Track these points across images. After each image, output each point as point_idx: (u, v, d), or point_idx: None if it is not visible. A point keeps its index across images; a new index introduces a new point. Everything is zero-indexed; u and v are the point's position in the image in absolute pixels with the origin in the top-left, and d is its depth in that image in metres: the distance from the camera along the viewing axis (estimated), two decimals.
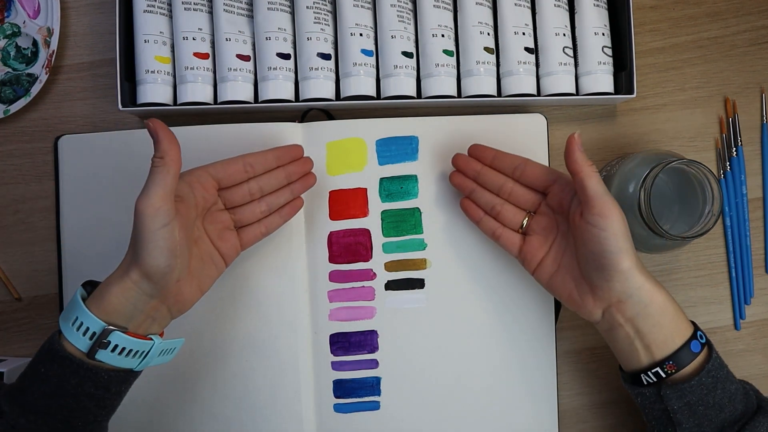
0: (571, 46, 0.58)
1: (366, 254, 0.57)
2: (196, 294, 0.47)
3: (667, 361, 0.46)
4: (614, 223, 0.44)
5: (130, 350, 0.44)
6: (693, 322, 0.48)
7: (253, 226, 0.51)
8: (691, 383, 0.45)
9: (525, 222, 0.51)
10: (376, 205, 0.58)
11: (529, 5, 0.58)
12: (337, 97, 0.57)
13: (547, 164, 0.58)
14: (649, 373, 0.46)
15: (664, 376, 0.46)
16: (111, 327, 0.43)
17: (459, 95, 0.58)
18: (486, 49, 0.57)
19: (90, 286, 0.46)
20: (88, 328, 0.42)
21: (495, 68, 0.57)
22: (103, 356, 0.43)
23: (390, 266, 0.58)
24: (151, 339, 0.45)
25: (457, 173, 0.54)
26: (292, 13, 0.56)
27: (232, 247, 0.50)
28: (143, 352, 0.44)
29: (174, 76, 0.56)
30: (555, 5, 0.57)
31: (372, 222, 0.58)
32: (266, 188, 0.51)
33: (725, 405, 0.46)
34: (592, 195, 0.45)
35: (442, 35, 0.56)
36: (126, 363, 0.44)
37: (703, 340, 0.47)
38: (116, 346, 0.43)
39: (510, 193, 0.51)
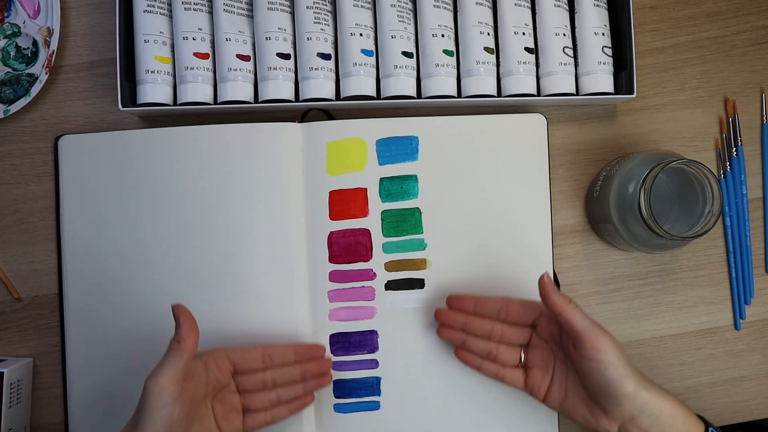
0: (571, 46, 0.58)
1: (366, 254, 0.57)
2: None
3: None
4: (609, 352, 0.45)
5: None
6: (701, 417, 0.49)
7: (260, 412, 0.52)
8: None
9: (522, 357, 0.52)
10: (376, 205, 0.58)
11: (529, 5, 0.58)
12: (337, 97, 0.57)
13: (546, 165, 0.58)
14: None
15: None
16: None
17: (459, 95, 0.58)
18: (486, 49, 0.57)
19: None
20: None
21: (495, 68, 0.57)
22: None
23: (390, 266, 0.58)
24: None
25: (443, 328, 0.54)
26: (292, 13, 0.56)
27: (234, 430, 0.50)
28: None
29: (174, 76, 0.56)
30: (555, 5, 0.57)
31: (372, 222, 0.58)
32: (280, 381, 0.52)
33: None
34: (580, 332, 0.46)
35: (442, 35, 0.56)
36: None
37: None
38: None
39: (501, 336, 0.52)
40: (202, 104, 0.56)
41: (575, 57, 0.58)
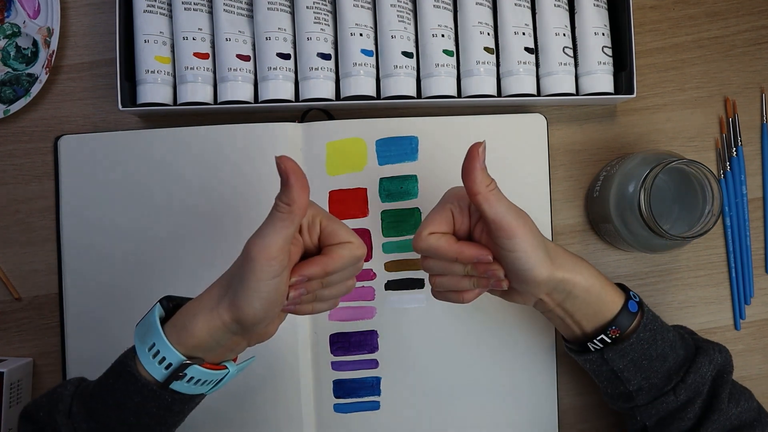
0: (571, 46, 0.58)
1: (366, 254, 0.57)
2: (276, 328, 0.46)
3: (609, 326, 0.48)
4: (522, 241, 0.43)
5: (205, 380, 0.44)
6: (622, 285, 0.51)
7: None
8: (630, 341, 0.47)
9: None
10: (376, 205, 0.58)
11: (529, 5, 0.58)
12: (337, 97, 0.57)
13: (546, 165, 0.59)
14: (594, 340, 0.48)
15: (609, 341, 0.48)
16: (189, 361, 0.42)
17: (459, 95, 0.58)
18: (486, 49, 0.57)
19: (166, 300, 0.45)
20: (164, 358, 0.42)
21: (495, 68, 0.57)
22: (177, 386, 0.43)
23: (390, 266, 0.58)
24: (226, 367, 0.44)
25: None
26: (292, 13, 0.56)
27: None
28: (217, 380, 0.44)
29: (174, 76, 0.56)
30: (555, 5, 0.57)
31: (372, 222, 0.58)
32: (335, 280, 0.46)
33: (668, 354, 0.48)
34: (493, 218, 0.43)
35: (442, 35, 0.56)
36: (197, 390, 0.44)
37: (637, 299, 0.49)
38: (192, 378, 0.43)
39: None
40: (202, 104, 0.56)
41: (575, 57, 0.58)
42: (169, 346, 0.42)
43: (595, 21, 0.57)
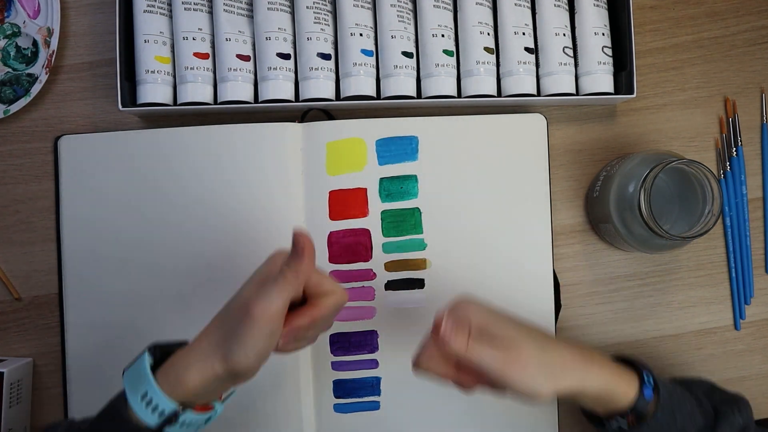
0: (571, 46, 0.58)
1: (366, 254, 0.57)
2: (260, 368, 0.47)
3: (625, 413, 0.46)
4: (515, 380, 0.44)
5: (196, 422, 0.44)
6: (633, 362, 0.48)
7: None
8: (648, 424, 0.46)
9: None
10: (376, 205, 0.58)
11: (529, 5, 0.58)
12: (337, 97, 0.57)
13: (546, 165, 0.59)
14: (611, 421, 0.47)
15: (626, 429, 0.47)
16: (183, 409, 0.43)
17: (459, 95, 0.58)
18: (486, 49, 0.57)
19: (156, 349, 0.45)
20: (158, 406, 0.42)
21: (495, 68, 0.57)
22: (169, 430, 0.43)
23: (390, 266, 0.58)
24: (214, 407, 0.45)
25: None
26: (292, 13, 0.56)
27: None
28: (205, 420, 0.45)
29: (174, 76, 0.56)
30: (555, 5, 0.57)
31: (372, 222, 0.58)
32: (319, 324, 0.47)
33: (688, 427, 0.47)
34: (480, 368, 0.44)
35: (442, 35, 0.56)
36: (188, 431, 0.45)
37: (652, 383, 0.47)
38: (184, 422, 0.43)
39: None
40: (202, 104, 0.56)
41: (575, 57, 0.58)
42: (163, 397, 0.43)
43: (595, 21, 0.57)
